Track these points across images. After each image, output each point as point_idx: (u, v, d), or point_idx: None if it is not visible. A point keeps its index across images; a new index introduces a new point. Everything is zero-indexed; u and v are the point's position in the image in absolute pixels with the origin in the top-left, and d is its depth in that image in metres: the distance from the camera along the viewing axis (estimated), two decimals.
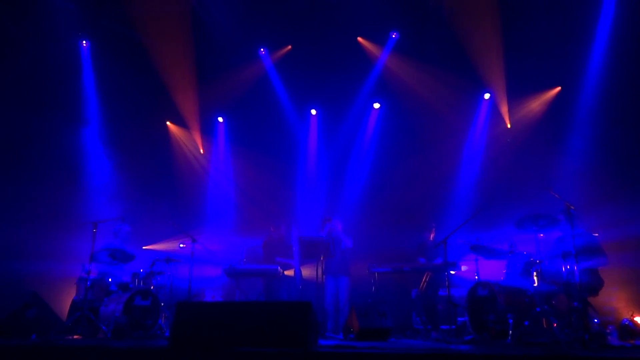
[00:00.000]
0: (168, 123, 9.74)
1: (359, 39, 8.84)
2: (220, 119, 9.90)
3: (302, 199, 9.35)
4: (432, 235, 7.35)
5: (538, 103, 8.57)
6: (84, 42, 8.82)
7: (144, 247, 8.36)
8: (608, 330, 5.73)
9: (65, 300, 7.02)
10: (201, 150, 9.93)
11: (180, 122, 9.66)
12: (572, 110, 8.11)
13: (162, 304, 6.29)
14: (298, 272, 7.63)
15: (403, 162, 8.85)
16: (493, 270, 6.64)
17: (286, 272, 7.40)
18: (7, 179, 7.91)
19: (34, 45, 8.06)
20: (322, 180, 9.43)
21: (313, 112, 9.64)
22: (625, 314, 6.50)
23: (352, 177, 9.32)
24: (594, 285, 5.64)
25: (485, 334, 5.47)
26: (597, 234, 6.02)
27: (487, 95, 8.86)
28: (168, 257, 6.81)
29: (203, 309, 4.72)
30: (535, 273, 5.61)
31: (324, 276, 6.64)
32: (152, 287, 6.49)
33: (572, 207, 5.35)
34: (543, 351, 4.09)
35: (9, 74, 7.92)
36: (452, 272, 6.88)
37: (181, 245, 7.59)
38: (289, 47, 9.12)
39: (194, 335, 4.29)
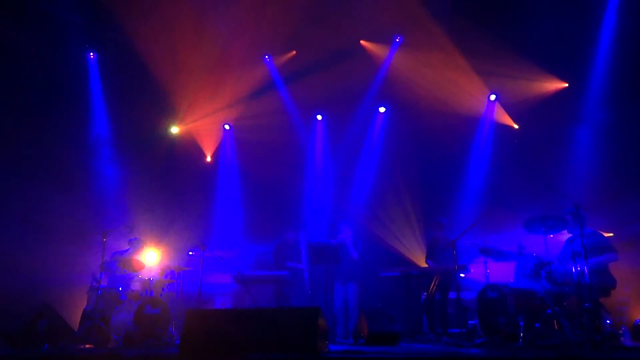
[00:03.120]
0: (174, 130, 9.78)
1: (363, 42, 8.85)
2: (227, 127, 9.96)
3: (310, 204, 9.36)
4: (442, 232, 7.26)
5: (545, 102, 8.50)
6: (92, 54, 8.94)
7: (154, 256, 8.39)
8: (621, 331, 5.68)
9: (76, 310, 7.07)
10: (208, 158, 10.00)
11: (187, 130, 9.71)
12: (579, 109, 8.06)
13: (172, 312, 6.33)
14: (307, 278, 7.64)
15: (410, 165, 8.84)
16: (503, 272, 6.60)
17: None
18: (17, 191, 7.99)
19: (42, 59, 8.18)
20: (330, 185, 9.44)
21: (319, 117, 9.68)
22: (638, 314, 6.43)
23: (359, 181, 9.32)
24: (606, 285, 5.58)
25: (496, 336, 5.44)
26: (612, 234, 5.97)
27: (492, 97, 8.85)
28: (177, 265, 6.84)
29: (213, 316, 4.74)
30: (545, 274, 5.56)
31: (332, 282, 6.63)
32: (162, 295, 6.53)
33: (580, 208, 5.32)
34: (555, 353, 4.07)
35: (18, 86, 8.04)
36: (462, 275, 6.85)
37: (190, 253, 7.63)
38: (294, 52, 9.16)
39: (204, 342, 4.30)
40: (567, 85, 8.30)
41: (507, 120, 8.78)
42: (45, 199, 8.13)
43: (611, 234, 5.93)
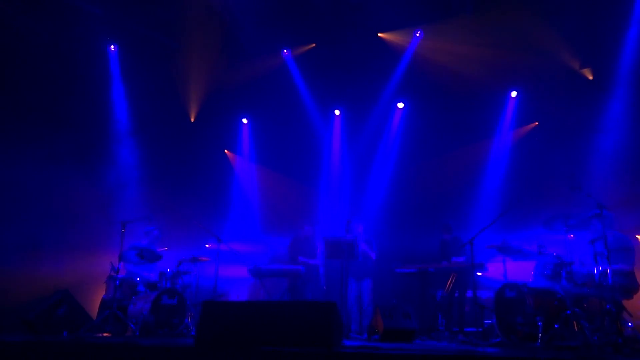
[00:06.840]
0: (192, 123, 9.81)
1: (382, 35, 8.71)
2: (244, 120, 9.98)
3: (326, 199, 9.34)
4: (451, 234, 7.19)
5: (568, 97, 8.28)
6: (112, 46, 9.03)
7: (169, 248, 8.47)
8: None
9: (95, 298, 7.18)
10: (226, 151, 10.05)
11: (205, 122, 9.75)
12: (603, 106, 7.85)
13: (189, 303, 6.38)
14: (322, 273, 7.62)
15: (427, 161, 8.76)
16: (521, 271, 6.49)
17: None
18: (40, 180, 8.12)
19: (63, 51, 8.28)
20: (346, 181, 9.41)
21: (337, 112, 9.63)
22: None
23: (376, 178, 9.27)
24: (629, 287, 5.46)
25: (513, 336, 5.36)
26: (638, 236, 5.81)
27: (514, 94, 8.69)
28: (194, 257, 6.89)
29: (228, 308, 4.76)
30: (565, 275, 5.45)
31: (347, 277, 6.61)
32: (178, 287, 6.59)
33: (604, 207, 5.19)
34: (574, 355, 3.98)
35: (39, 78, 8.16)
36: (479, 274, 6.77)
37: (207, 246, 7.68)
38: (313, 45, 9.09)
39: (220, 334, 4.33)
40: (591, 79, 8.07)
41: (528, 116, 8.62)
42: (66, 190, 8.26)
43: (638, 236, 5.77)
